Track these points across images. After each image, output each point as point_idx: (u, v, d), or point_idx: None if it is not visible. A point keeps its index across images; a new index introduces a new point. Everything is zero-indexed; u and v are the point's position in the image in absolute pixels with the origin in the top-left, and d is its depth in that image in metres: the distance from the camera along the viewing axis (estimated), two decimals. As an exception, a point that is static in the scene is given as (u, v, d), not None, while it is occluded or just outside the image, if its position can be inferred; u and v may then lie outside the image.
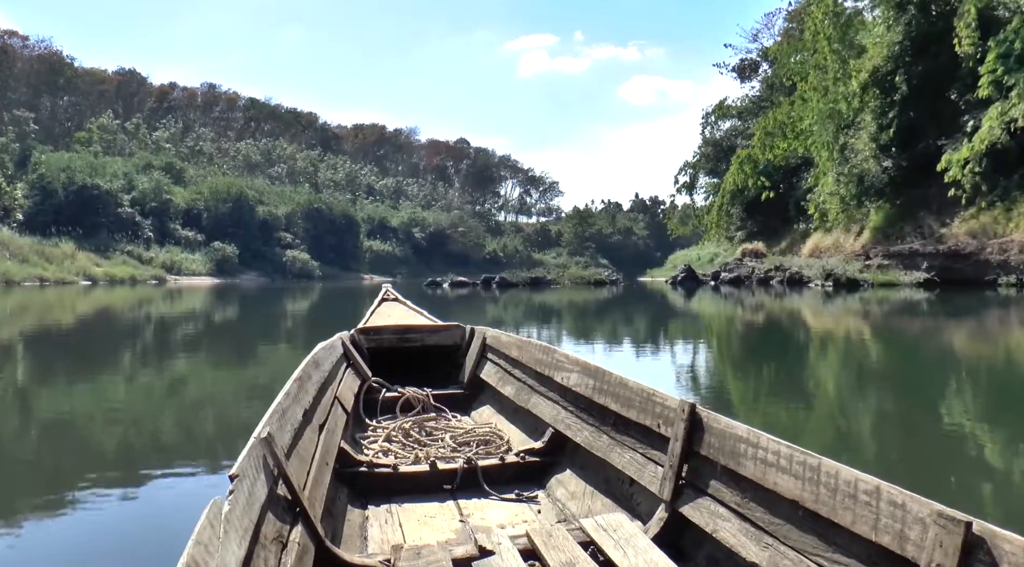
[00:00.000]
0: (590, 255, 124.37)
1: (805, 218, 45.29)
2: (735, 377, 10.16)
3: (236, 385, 8.94)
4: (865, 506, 1.93)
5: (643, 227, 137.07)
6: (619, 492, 3.23)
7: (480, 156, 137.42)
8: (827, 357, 12.46)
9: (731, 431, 2.52)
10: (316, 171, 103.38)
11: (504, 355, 4.88)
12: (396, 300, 6.95)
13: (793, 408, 7.66)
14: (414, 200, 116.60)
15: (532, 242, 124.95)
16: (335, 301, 32.23)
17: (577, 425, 3.59)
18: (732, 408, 7.39)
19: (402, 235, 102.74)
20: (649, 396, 3.01)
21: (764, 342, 15.17)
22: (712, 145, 54.30)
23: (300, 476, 2.57)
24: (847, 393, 8.68)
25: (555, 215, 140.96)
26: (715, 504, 2.54)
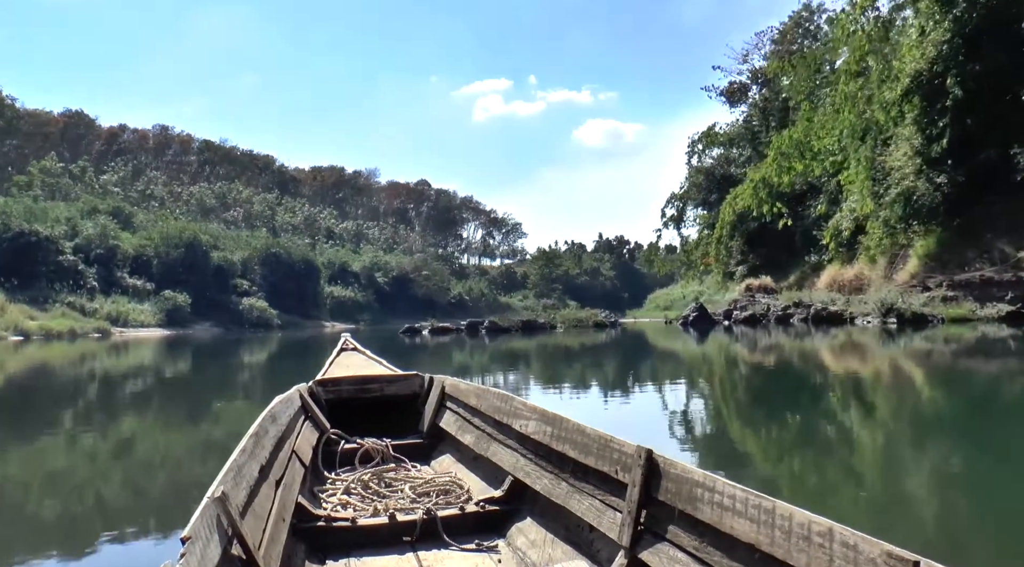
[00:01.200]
0: (557, 297, 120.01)
1: (817, 249, 40.91)
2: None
3: (188, 444, 8.53)
4: (819, 548, 1.90)
5: (609, 267, 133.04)
6: (579, 539, 3.16)
7: (442, 198, 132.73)
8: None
9: (688, 476, 2.47)
10: (274, 215, 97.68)
11: (463, 403, 4.76)
12: (355, 350, 6.58)
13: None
14: (375, 244, 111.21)
15: (498, 285, 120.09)
16: (294, 352, 30.23)
17: (536, 472, 3.51)
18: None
19: (364, 280, 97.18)
20: (607, 442, 2.96)
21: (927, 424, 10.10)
22: (704, 174, 49.87)
23: (255, 534, 2.50)
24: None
25: (519, 257, 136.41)
26: (673, 549, 2.47)
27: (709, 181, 49.23)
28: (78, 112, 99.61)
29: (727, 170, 49.13)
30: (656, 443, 2.76)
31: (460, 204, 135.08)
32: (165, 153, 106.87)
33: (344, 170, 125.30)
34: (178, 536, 1.94)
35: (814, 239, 41.40)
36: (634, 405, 11.43)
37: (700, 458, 7.16)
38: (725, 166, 49.32)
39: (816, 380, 14.47)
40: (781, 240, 43.69)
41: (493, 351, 25.73)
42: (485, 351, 25.59)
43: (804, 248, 42.23)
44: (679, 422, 9.59)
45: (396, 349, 26.50)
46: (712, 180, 49.15)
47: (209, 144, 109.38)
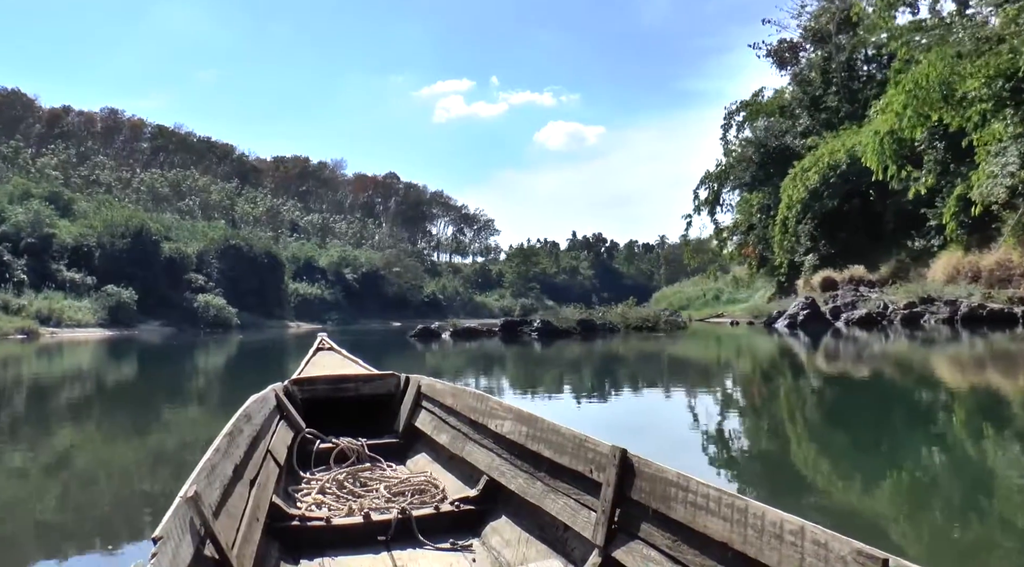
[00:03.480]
0: (535, 296, 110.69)
1: (923, 232, 32.00)
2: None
3: (138, 457, 7.61)
4: (791, 546, 1.88)
5: (588, 266, 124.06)
6: (553, 538, 3.09)
7: (411, 192, 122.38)
8: None
9: (662, 475, 2.44)
10: (233, 205, 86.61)
11: (439, 403, 4.65)
12: (331, 349, 6.35)
13: None
14: (342, 238, 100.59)
15: (472, 283, 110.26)
16: (255, 357, 26.69)
17: (511, 472, 3.46)
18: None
19: (332, 276, 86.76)
20: (581, 442, 2.91)
21: None
22: (756, 147, 40.58)
23: (229, 534, 2.45)
24: None
25: (493, 255, 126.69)
26: (647, 548, 2.44)
27: (763, 155, 40.03)
28: (14, 91, 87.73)
29: (782, 142, 40.02)
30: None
31: (430, 199, 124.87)
32: (114, 139, 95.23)
33: (309, 161, 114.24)
34: (144, 542, 1.89)
35: (914, 220, 32.49)
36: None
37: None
38: (779, 138, 40.24)
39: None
40: (863, 223, 34.77)
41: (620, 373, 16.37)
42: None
43: (899, 232, 33.28)
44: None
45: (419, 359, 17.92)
46: (766, 154, 39.97)
47: (163, 130, 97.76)
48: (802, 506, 4.80)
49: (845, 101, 39.54)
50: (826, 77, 40.43)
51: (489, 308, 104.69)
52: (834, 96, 39.75)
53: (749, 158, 40.54)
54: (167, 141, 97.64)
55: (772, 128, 40.79)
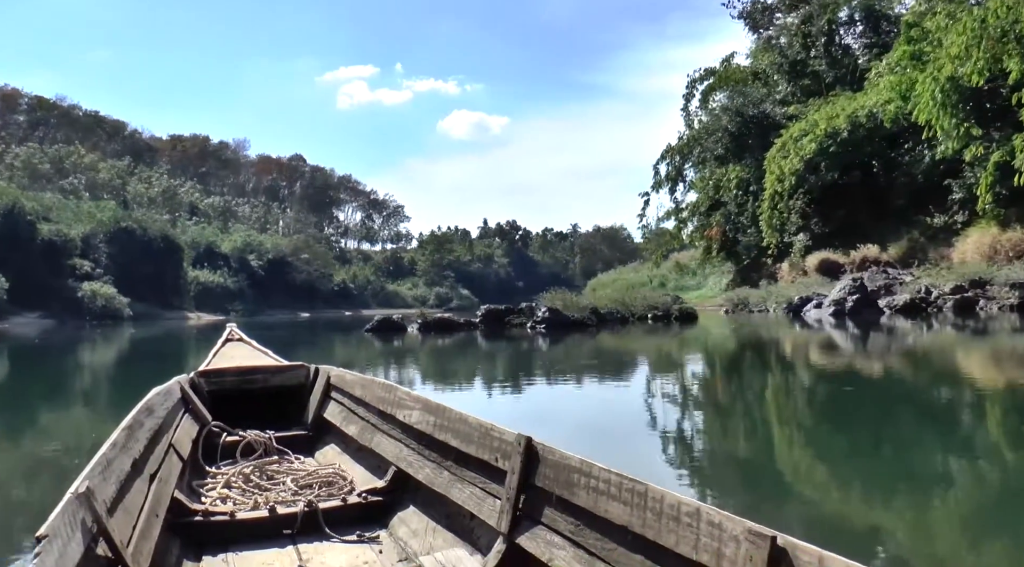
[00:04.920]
0: (449, 285, 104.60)
1: (944, 207, 27.56)
2: None
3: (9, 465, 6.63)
4: (687, 527, 1.89)
5: (502, 254, 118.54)
6: (460, 527, 3.07)
7: (318, 176, 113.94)
8: None
9: (565, 462, 2.42)
10: (124, 185, 77.28)
11: (348, 394, 4.50)
12: (241, 340, 6.07)
13: None
14: (246, 223, 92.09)
15: (384, 271, 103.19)
16: (149, 353, 23.07)
17: (419, 462, 3.40)
18: None
19: (235, 263, 78.73)
20: (487, 431, 2.87)
21: None
22: (732, 115, 35.46)
23: (124, 531, 2.35)
24: None
25: (403, 242, 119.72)
26: (551, 534, 2.43)
27: (740, 124, 35.02)
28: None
29: (761, 110, 35.16)
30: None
31: (338, 183, 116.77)
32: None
33: (209, 140, 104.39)
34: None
35: (928, 194, 28.11)
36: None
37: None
38: (757, 106, 35.38)
39: None
40: (864, 199, 30.21)
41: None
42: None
43: (910, 207, 28.80)
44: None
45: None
46: (743, 123, 34.98)
47: (43, 101, 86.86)
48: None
49: (830, 66, 35.02)
50: (806, 41, 35.79)
51: (403, 297, 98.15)
52: (821, 60, 35.13)
53: (724, 128, 35.50)
54: (47, 114, 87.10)
55: (750, 95, 35.87)
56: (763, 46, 39.91)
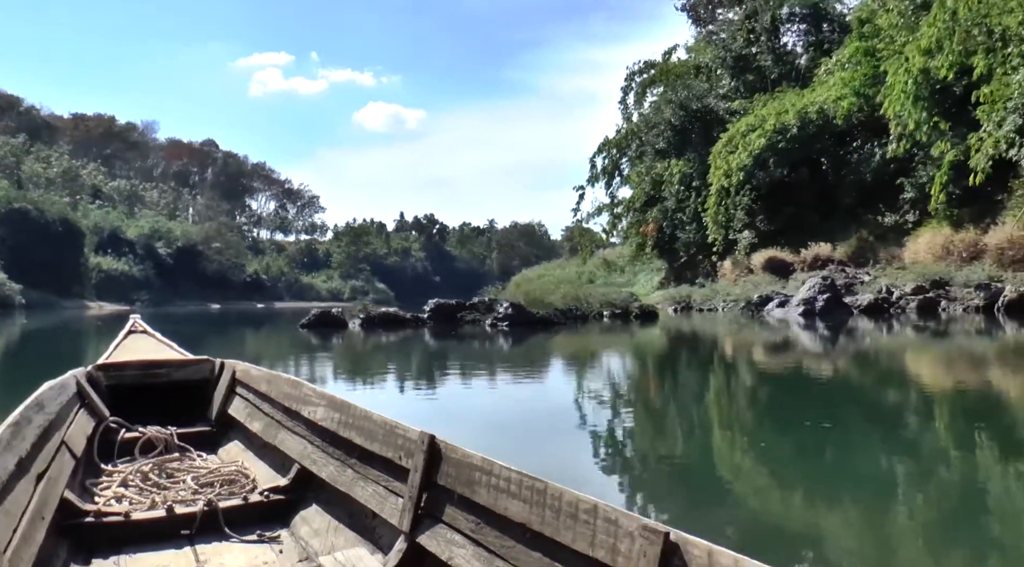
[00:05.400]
0: (365, 278, 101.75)
1: (893, 206, 26.82)
2: None
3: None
4: (584, 524, 1.90)
5: (419, 248, 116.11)
6: (363, 526, 2.99)
7: (230, 162, 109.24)
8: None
9: (467, 460, 2.40)
10: (19, 163, 71.91)
11: (254, 390, 4.29)
12: (144, 332, 5.72)
13: None
14: (154, 208, 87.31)
15: (298, 263, 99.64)
16: (42, 345, 20.66)
17: (323, 460, 3.30)
18: None
19: (142, 250, 74.49)
20: (392, 428, 2.82)
21: None
22: (676, 108, 34.15)
23: (4, 535, 2.22)
24: None
25: (318, 233, 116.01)
26: (451, 532, 2.41)
27: (684, 118, 33.79)
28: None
29: (704, 104, 34.04)
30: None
31: (252, 170, 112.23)
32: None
33: (115, 120, 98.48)
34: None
35: (876, 192, 27.39)
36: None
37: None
38: (700, 99, 34.26)
39: None
40: (811, 196, 29.35)
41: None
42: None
43: (860, 206, 28.02)
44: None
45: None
46: (687, 117, 33.77)
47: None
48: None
49: (775, 63, 34.22)
50: (750, 37, 34.89)
51: (317, 290, 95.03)
52: (766, 56, 34.25)
53: (667, 121, 34.26)
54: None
55: (694, 88, 34.72)
56: (704, 40, 38.93)
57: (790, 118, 28.82)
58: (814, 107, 28.55)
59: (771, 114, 29.47)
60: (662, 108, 35.16)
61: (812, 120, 28.55)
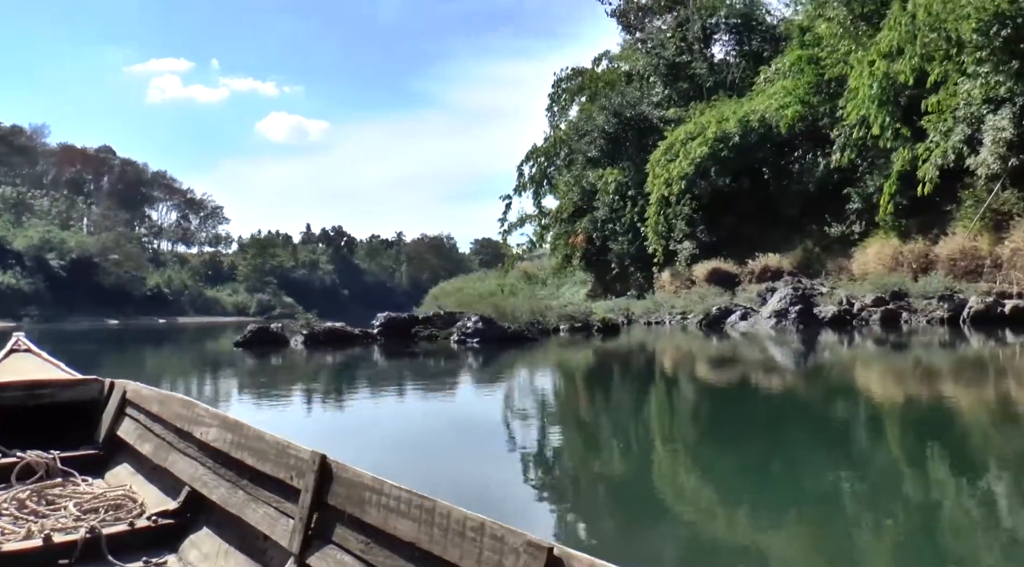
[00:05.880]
0: (272, 291, 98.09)
1: (840, 217, 26.25)
2: None
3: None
4: (471, 542, 1.90)
5: (327, 260, 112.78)
6: (253, 549, 2.86)
7: (129, 170, 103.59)
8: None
9: (358, 480, 2.35)
10: None
11: (145, 410, 4.09)
12: (28, 351, 5.40)
13: None
14: (44, 217, 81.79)
15: (201, 276, 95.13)
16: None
17: (214, 482, 3.17)
18: None
19: (30, 262, 69.58)
20: (283, 448, 2.73)
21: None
22: (610, 114, 32.98)
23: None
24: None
25: (223, 245, 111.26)
26: (341, 553, 2.36)
27: (618, 126, 32.72)
28: None
29: (638, 111, 33.06)
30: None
31: (152, 179, 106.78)
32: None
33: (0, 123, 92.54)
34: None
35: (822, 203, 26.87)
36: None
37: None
38: (633, 107, 33.27)
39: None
40: (752, 207, 28.64)
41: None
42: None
43: (803, 217, 27.39)
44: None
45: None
46: (621, 124, 32.72)
47: None
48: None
49: (710, 71, 33.60)
50: (681, 45, 34.20)
51: (222, 304, 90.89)
52: (701, 64, 33.57)
53: (600, 129, 33.14)
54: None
55: (628, 95, 33.73)
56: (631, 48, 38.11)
57: (731, 126, 28.08)
58: (755, 115, 27.89)
59: (711, 122, 28.69)
60: (594, 115, 34.02)
61: (754, 128, 27.87)
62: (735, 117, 28.24)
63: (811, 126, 27.20)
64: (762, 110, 27.81)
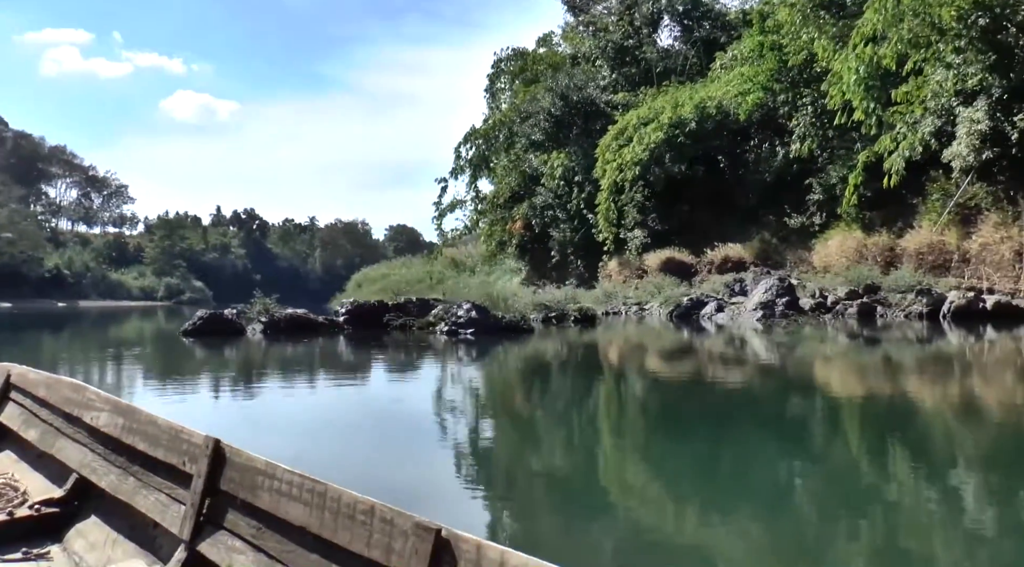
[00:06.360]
0: (181, 275, 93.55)
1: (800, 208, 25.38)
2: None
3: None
4: (362, 525, 1.90)
5: (239, 244, 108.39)
6: (144, 536, 2.81)
7: (24, 144, 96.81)
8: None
9: (251, 464, 2.33)
10: None
11: (31, 395, 3.94)
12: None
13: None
14: (-72, 192, 75.57)
15: (105, 257, 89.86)
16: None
17: (104, 468, 3.09)
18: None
19: (-87, 240, 64.10)
20: (177, 433, 2.68)
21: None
22: (556, 97, 31.39)
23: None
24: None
25: (128, 226, 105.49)
26: (232, 538, 2.34)
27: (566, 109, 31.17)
28: None
29: (585, 94, 31.60)
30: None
31: (49, 154, 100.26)
32: None
33: None
34: None
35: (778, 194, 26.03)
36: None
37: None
38: (580, 91, 31.81)
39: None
40: (706, 195, 27.63)
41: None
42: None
43: (762, 207, 26.47)
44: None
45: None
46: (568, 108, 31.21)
47: None
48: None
49: (661, 57, 32.47)
50: (629, 29, 32.95)
51: (128, 287, 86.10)
52: (652, 48, 32.39)
53: (546, 111, 31.59)
54: None
55: (576, 78, 32.25)
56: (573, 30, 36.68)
57: (687, 112, 26.97)
58: (712, 102, 26.85)
59: (666, 107, 27.52)
60: (540, 97, 32.44)
61: (711, 115, 26.83)
62: (691, 102, 27.14)
63: (768, 114, 26.32)
64: (719, 96, 26.79)
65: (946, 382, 9.96)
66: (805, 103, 24.74)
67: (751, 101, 25.29)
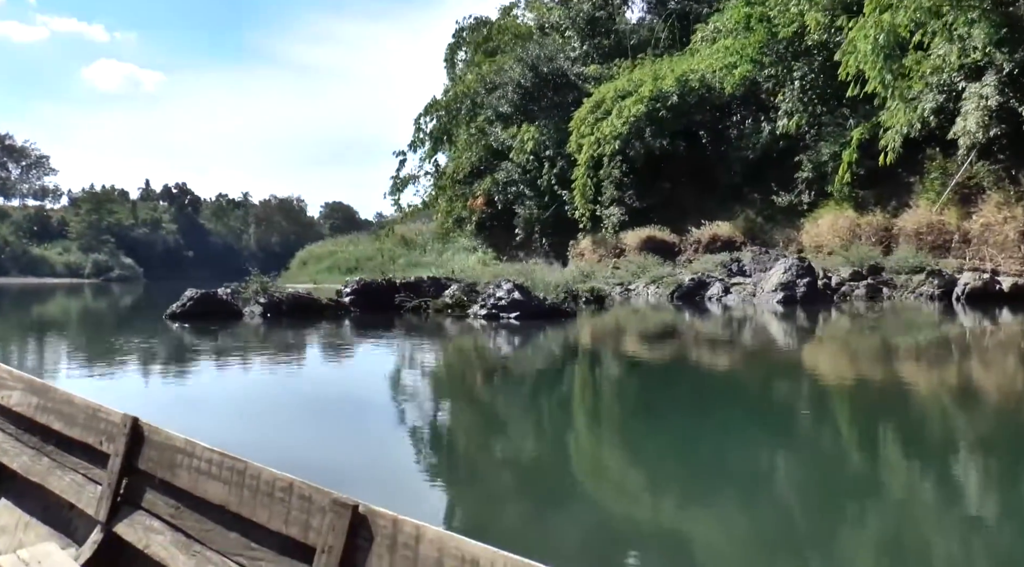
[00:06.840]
0: (109, 251, 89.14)
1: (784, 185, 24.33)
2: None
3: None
4: (280, 502, 1.87)
5: (170, 219, 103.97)
6: (58, 519, 2.72)
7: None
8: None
9: (170, 443, 2.26)
10: None
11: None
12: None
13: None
14: None
15: (26, 232, 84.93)
16: None
17: (16, 449, 2.96)
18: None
19: None
20: (94, 412, 2.60)
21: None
22: (526, 68, 29.69)
23: None
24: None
25: (51, 199, 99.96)
26: (150, 519, 2.28)
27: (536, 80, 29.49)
28: None
29: (555, 66, 30.01)
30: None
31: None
32: None
33: None
34: None
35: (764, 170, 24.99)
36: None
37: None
38: (549, 62, 30.18)
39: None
40: (686, 172, 26.43)
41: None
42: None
43: (747, 185, 25.35)
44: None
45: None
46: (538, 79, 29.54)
47: None
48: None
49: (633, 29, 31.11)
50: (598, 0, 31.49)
51: (51, 263, 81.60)
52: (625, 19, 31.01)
53: (516, 82, 29.89)
54: None
55: (547, 47, 30.61)
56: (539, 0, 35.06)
57: (669, 85, 25.65)
58: (695, 75, 25.58)
59: (647, 79, 26.16)
60: (508, 68, 30.73)
61: (693, 89, 25.57)
62: (672, 75, 25.83)
63: (751, 89, 25.20)
64: (703, 70, 25.53)
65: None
66: (794, 78, 23.66)
67: (739, 74, 24.12)
